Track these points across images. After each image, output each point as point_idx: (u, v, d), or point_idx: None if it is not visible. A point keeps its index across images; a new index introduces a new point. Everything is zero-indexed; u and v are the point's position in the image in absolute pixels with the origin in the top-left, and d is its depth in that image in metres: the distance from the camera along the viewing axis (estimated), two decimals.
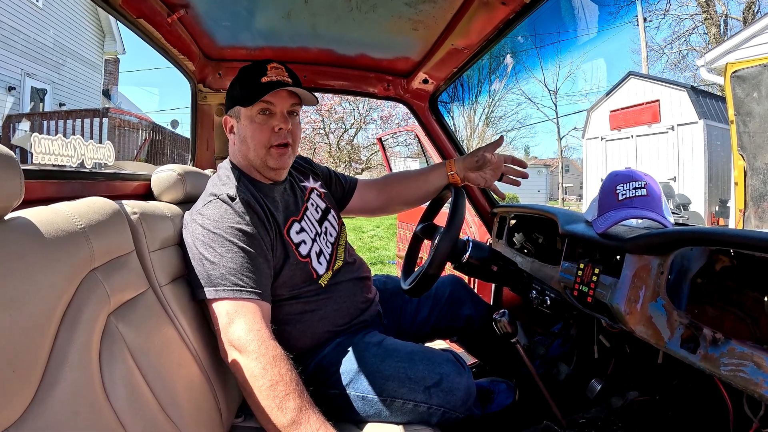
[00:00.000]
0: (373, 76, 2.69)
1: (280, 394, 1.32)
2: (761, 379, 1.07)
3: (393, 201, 2.33)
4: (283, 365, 1.37)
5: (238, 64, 2.37)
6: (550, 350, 2.27)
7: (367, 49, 2.40)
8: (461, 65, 2.34)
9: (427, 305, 2.26)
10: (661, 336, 1.34)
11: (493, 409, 2.18)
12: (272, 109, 1.73)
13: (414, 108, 2.80)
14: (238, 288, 1.49)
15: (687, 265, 1.44)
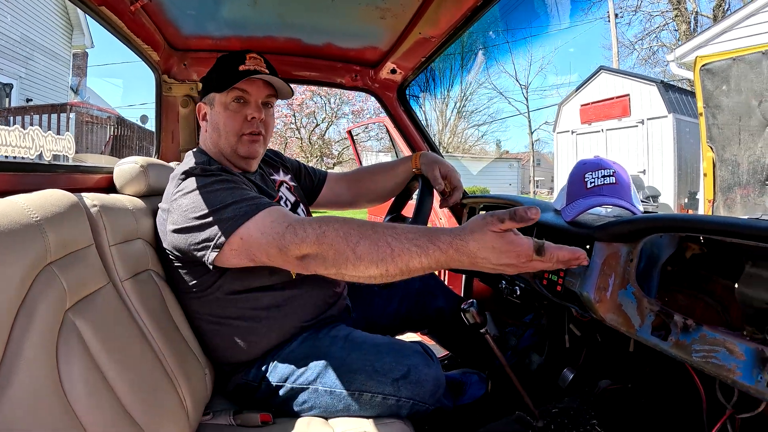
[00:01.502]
0: (340, 66, 2.67)
1: (363, 241, 1.22)
2: (734, 365, 1.07)
3: (362, 194, 2.31)
4: (333, 222, 1.28)
5: (205, 54, 2.37)
6: (521, 341, 2.27)
7: (334, 39, 2.38)
8: (429, 55, 2.32)
9: (396, 297, 2.25)
10: (631, 324, 1.34)
11: (465, 400, 2.17)
12: (247, 97, 1.73)
13: (382, 99, 2.78)
14: (251, 205, 1.44)
15: (657, 252, 1.44)
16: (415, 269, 1.17)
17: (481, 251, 1.09)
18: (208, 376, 1.67)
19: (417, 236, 1.17)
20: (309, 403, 1.63)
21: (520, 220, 1.05)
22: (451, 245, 1.12)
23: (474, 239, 1.10)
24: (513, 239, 1.08)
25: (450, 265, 1.15)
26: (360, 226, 1.24)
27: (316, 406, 1.63)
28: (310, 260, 1.29)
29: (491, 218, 1.08)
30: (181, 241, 1.51)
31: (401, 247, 1.17)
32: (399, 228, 1.20)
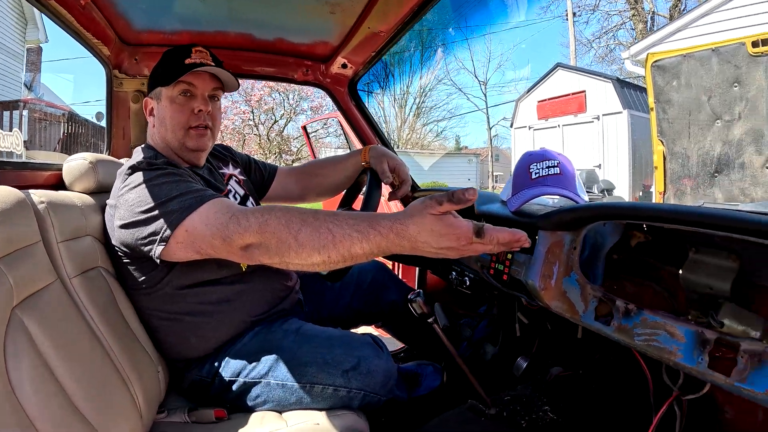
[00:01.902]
0: (292, 61, 2.65)
1: (304, 228, 1.21)
2: (675, 347, 1.10)
3: (312, 188, 2.31)
4: (275, 210, 1.27)
5: (156, 48, 2.31)
6: (476, 332, 2.29)
7: (285, 33, 2.37)
8: (379, 49, 2.33)
9: (349, 291, 2.26)
10: (575, 310, 1.36)
11: (421, 392, 2.18)
12: (193, 90, 1.72)
13: (333, 93, 2.78)
14: (196, 197, 1.42)
15: (601, 240, 1.47)
16: (357, 255, 1.17)
17: (421, 235, 1.09)
18: (162, 374, 1.66)
19: (358, 222, 1.16)
20: (262, 397, 1.63)
21: (458, 201, 1.05)
22: (391, 230, 1.12)
23: (414, 223, 1.09)
24: (452, 222, 1.07)
25: (392, 249, 1.15)
26: (302, 213, 1.23)
27: (269, 399, 1.63)
28: (254, 250, 1.28)
29: (430, 201, 1.08)
30: (128, 237, 1.49)
31: (342, 233, 1.16)
32: (341, 215, 1.20)
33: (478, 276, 1.91)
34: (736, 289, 1.16)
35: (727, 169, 4.99)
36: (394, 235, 1.11)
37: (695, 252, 1.26)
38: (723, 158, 5.03)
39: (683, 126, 5.29)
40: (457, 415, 1.79)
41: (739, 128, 4.91)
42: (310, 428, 1.54)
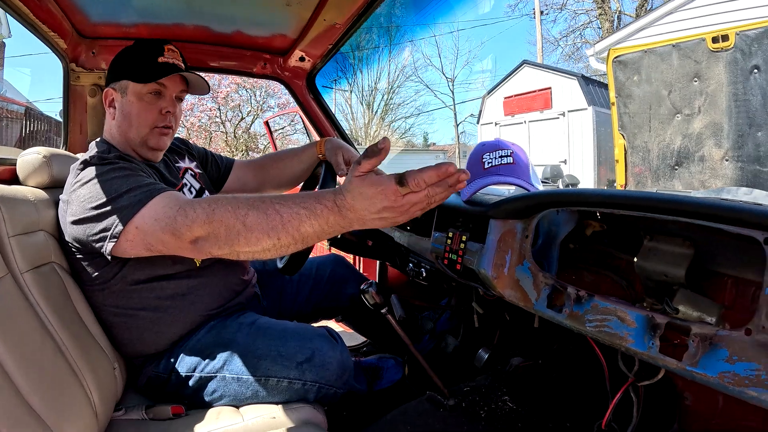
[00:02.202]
0: (250, 55, 2.63)
1: (252, 212, 1.20)
2: (626, 332, 1.10)
3: (269, 181, 2.28)
4: (222, 199, 1.26)
5: (113, 42, 2.27)
6: (438, 325, 2.30)
7: (242, 26, 2.34)
8: (336, 41, 2.33)
9: (307, 285, 2.25)
10: (528, 298, 1.36)
11: (383, 385, 2.19)
12: (163, 91, 1.72)
13: (291, 87, 2.76)
14: (145, 192, 1.40)
15: (555, 229, 1.47)
16: (308, 234, 1.15)
17: (357, 201, 1.07)
18: (118, 370, 1.63)
19: (304, 199, 1.15)
20: (219, 392, 1.62)
21: (372, 154, 1.04)
22: (335, 203, 1.10)
23: (348, 191, 1.08)
24: (375, 179, 1.05)
25: (343, 224, 1.13)
26: (248, 198, 1.22)
27: (225, 394, 1.62)
28: (204, 242, 1.26)
29: (354, 164, 1.07)
30: (80, 233, 1.47)
31: (290, 212, 1.14)
32: (287, 196, 1.18)
33: (434, 267, 1.90)
34: (691, 275, 1.17)
35: (687, 162, 5.08)
36: (338, 207, 1.10)
37: (650, 240, 1.26)
38: (683, 151, 5.11)
39: (644, 120, 5.36)
40: (415, 407, 1.79)
41: (698, 122, 5.00)
42: (266, 422, 1.53)
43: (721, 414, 1.30)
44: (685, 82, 5.09)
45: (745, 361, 0.91)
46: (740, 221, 0.95)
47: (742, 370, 0.91)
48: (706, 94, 4.94)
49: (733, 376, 0.91)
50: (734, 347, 0.93)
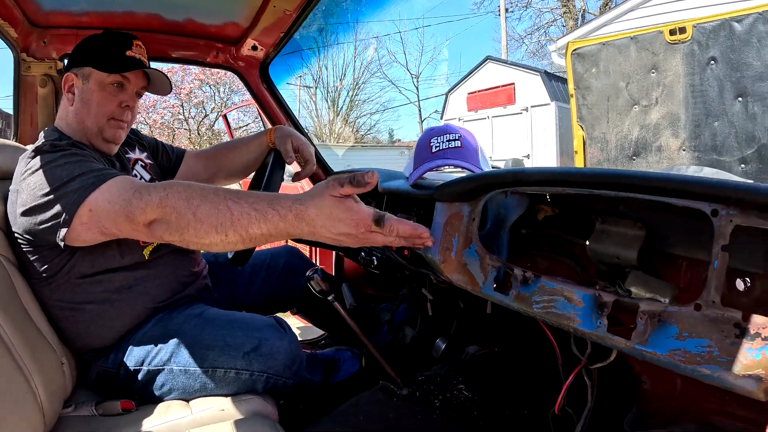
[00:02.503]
0: (202, 43, 2.59)
1: (204, 204, 1.18)
2: (573, 312, 1.08)
3: (220, 171, 2.26)
4: (177, 185, 1.24)
5: (66, 31, 2.23)
6: (395, 315, 2.28)
7: (194, 14, 2.31)
8: (287, 29, 2.31)
9: (260, 276, 2.23)
10: (476, 282, 1.34)
11: (340, 377, 2.19)
12: (126, 84, 1.73)
13: (244, 76, 2.73)
14: (98, 176, 1.38)
15: (504, 213, 1.45)
16: (256, 236, 1.14)
17: (320, 218, 1.07)
18: (67, 366, 1.59)
19: (258, 200, 1.13)
20: (168, 385, 1.60)
21: (358, 184, 1.03)
22: (290, 210, 1.09)
23: (314, 204, 1.07)
24: (352, 206, 1.05)
25: (291, 232, 1.12)
26: (203, 189, 1.20)
27: (174, 387, 1.60)
28: (156, 226, 1.25)
29: (333, 182, 1.06)
30: (30, 223, 1.43)
31: (241, 210, 1.13)
32: (243, 193, 1.17)
33: (385, 254, 1.88)
34: (644, 257, 1.16)
35: (645, 152, 5.14)
36: (293, 216, 1.09)
37: (601, 222, 1.26)
38: (641, 142, 5.18)
39: (602, 111, 5.42)
40: (369, 397, 1.77)
41: (656, 113, 5.06)
42: (214, 415, 1.52)
43: (679, 396, 1.29)
44: (642, 74, 5.16)
45: (695, 337, 0.89)
46: (686, 193, 0.93)
47: (693, 347, 0.89)
48: (663, 86, 5.01)
49: (684, 353, 0.89)
50: (684, 324, 0.91)
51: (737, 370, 0.82)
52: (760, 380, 0.79)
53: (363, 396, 1.78)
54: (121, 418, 1.52)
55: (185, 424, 1.49)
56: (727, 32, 4.59)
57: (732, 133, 4.60)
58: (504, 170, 1.32)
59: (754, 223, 0.86)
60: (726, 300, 0.89)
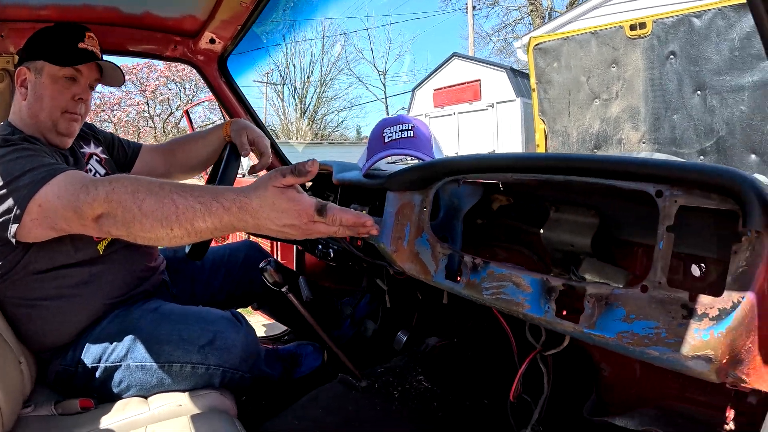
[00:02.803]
0: (160, 37, 2.57)
1: (149, 198, 1.16)
2: (522, 298, 1.08)
3: (177, 165, 2.25)
4: (123, 179, 1.23)
5: (24, 24, 2.18)
6: (357, 309, 2.28)
7: (152, 7, 2.29)
8: (244, 22, 2.31)
9: (220, 272, 2.23)
10: (428, 270, 1.33)
11: (303, 372, 2.20)
12: (79, 77, 1.71)
13: (202, 70, 2.72)
14: (49, 170, 1.38)
15: (457, 203, 1.45)
16: (201, 230, 1.12)
17: (263, 209, 1.06)
18: (25, 365, 1.58)
19: (203, 194, 1.12)
20: (125, 382, 1.60)
21: (299, 174, 1.03)
22: (234, 202, 1.08)
23: (257, 196, 1.06)
24: (294, 196, 1.05)
25: (236, 225, 1.11)
26: (149, 183, 1.19)
27: (132, 384, 1.60)
28: (104, 220, 1.23)
29: (275, 173, 1.05)
30: None
31: (186, 204, 1.11)
32: (188, 186, 1.15)
33: (341, 247, 1.88)
34: (599, 244, 1.16)
35: (606, 145, 5.21)
36: (237, 208, 1.08)
37: (555, 211, 1.26)
38: (602, 135, 5.25)
39: (563, 105, 5.48)
40: (328, 390, 1.78)
41: (616, 106, 5.14)
42: (172, 410, 1.53)
43: (638, 383, 1.30)
44: (603, 68, 5.23)
45: (642, 319, 0.89)
46: (630, 174, 0.94)
47: (641, 328, 0.89)
48: (623, 80, 5.08)
49: (632, 335, 0.89)
50: (631, 306, 0.91)
51: (686, 352, 0.82)
52: (711, 361, 0.79)
53: (322, 389, 1.78)
54: (80, 416, 1.51)
55: (143, 420, 1.49)
56: (687, 27, 4.66)
57: (691, 125, 4.68)
58: (452, 158, 1.32)
59: (698, 202, 0.87)
60: (679, 284, 0.89)
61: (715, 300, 0.81)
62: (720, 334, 0.78)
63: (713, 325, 0.80)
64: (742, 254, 0.80)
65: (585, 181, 1.02)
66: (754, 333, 0.78)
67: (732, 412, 1.02)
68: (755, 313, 0.78)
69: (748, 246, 0.79)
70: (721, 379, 0.80)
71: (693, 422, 1.13)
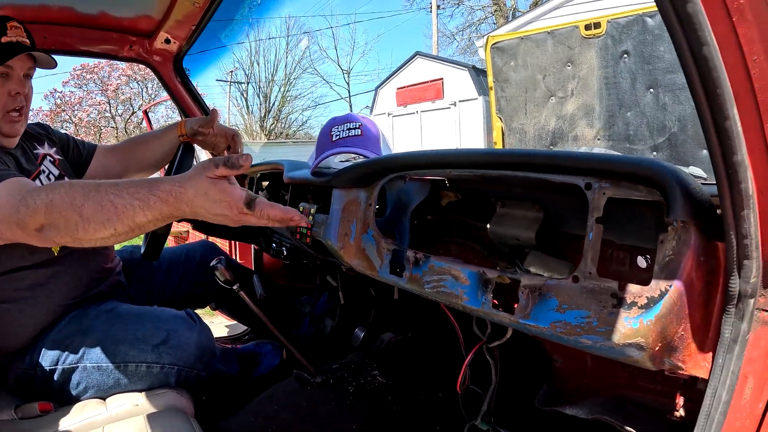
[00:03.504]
0: (116, 37, 2.55)
1: (88, 203, 1.14)
2: (461, 290, 1.10)
3: (132, 165, 2.21)
4: (61, 187, 1.20)
5: None
6: (316, 307, 2.28)
7: (107, 7, 2.28)
8: (198, 22, 2.30)
9: (177, 272, 2.22)
10: (374, 266, 1.35)
11: (262, 370, 2.19)
12: (10, 72, 1.64)
13: (158, 70, 2.70)
14: None
15: (405, 199, 1.47)
16: (144, 224, 1.13)
17: (197, 198, 1.07)
18: None
19: (138, 189, 1.12)
20: (83, 383, 1.59)
21: (232, 166, 1.04)
22: (170, 193, 1.09)
23: (191, 185, 1.07)
24: (226, 188, 1.06)
25: (175, 215, 1.12)
26: (85, 187, 1.18)
27: (90, 386, 1.59)
28: (47, 231, 1.21)
29: (208, 163, 1.06)
30: None
31: (123, 203, 1.11)
32: (122, 184, 1.15)
33: (293, 244, 1.88)
34: (545, 238, 1.18)
35: (562, 142, 5.31)
36: (173, 198, 1.09)
37: (501, 206, 1.28)
38: (557, 132, 5.35)
39: (520, 103, 5.57)
40: (283, 388, 1.79)
41: (571, 104, 5.24)
42: (128, 410, 1.53)
43: (590, 373, 1.32)
44: (559, 67, 5.32)
45: (575, 309, 0.91)
46: (559, 168, 0.96)
47: (573, 318, 0.91)
48: (578, 78, 5.17)
49: (565, 325, 0.92)
50: (563, 296, 0.94)
51: (618, 340, 0.84)
52: (643, 348, 0.81)
53: (278, 386, 1.79)
54: (40, 420, 1.51)
55: (101, 421, 1.49)
56: (640, 27, 4.77)
57: (644, 122, 4.78)
58: (393, 155, 1.34)
59: (626, 194, 0.89)
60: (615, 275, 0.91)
61: (643, 289, 0.83)
62: (649, 321, 0.80)
63: (642, 313, 0.82)
64: (668, 244, 0.82)
65: (516, 175, 1.05)
66: (685, 321, 0.81)
67: (682, 399, 1.05)
68: (684, 301, 0.80)
69: (674, 236, 0.81)
70: (657, 366, 0.82)
71: (643, 410, 1.16)
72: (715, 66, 0.64)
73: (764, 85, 0.64)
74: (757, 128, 0.67)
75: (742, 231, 0.72)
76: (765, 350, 0.75)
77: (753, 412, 0.75)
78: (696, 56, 0.65)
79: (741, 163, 0.68)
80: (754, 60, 0.64)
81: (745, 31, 0.63)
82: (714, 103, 0.66)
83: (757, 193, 0.70)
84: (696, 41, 0.64)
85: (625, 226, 1.02)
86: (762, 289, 0.75)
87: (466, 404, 1.54)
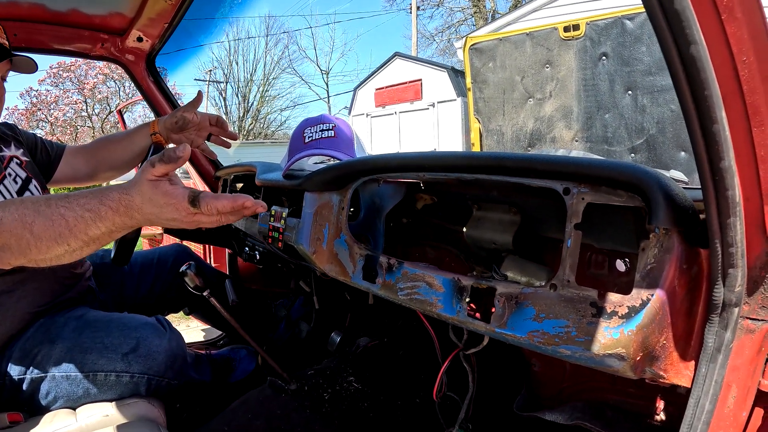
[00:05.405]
0: (87, 35, 2.49)
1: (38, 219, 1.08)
2: (435, 298, 1.07)
3: (101, 166, 2.16)
4: (10, 205, 1.12)
5: None
6: (292, 311, 2.26)
7: (79, 4, 2.22)
8: (171, 20, 2.27)
9: (149, 276, 2.17)
10: (347, 271, 1.32)
11: (238, 376, 2.17)
12: None
13: (130, 69, 2.65)
14: None
15: (379, 202, 1.45)
16: (98, 236, 1.08)
17: (145, 206, 1.02)
18: None
19: (89, 200, 1.06)
20: (52, 393, 1.54)
21: (169, 160, 0.99)
22: (120, 202, 1.04)
23: (137, 192, 1.02)
24: (167, 189, 1.00)
25: (129, 224, 1.07)
26: (35, 203, 1.11)
27: (59, 395, 1.54)
28: (2, 253, 1.14)
29: (147, 164, 1.00)
30: None
31: (74, 216, 1.06)
32: (72, 196, 1.09)
33: (266, 249, 1.85)
34: (522, 242, 1.16)
35: (540, 144, 5.33)
36: (123, 207, 1.04)
37: (478, 209, 1.25)
38: (535, 133, 5.37)
39: (498, 104, 5.59)
40: (257, 395, 1.76)
41: (550, 105, 5.26)
42: (99, 421, 1.49)
43: (570, 377, 1.30)
44: (537, 69, 5.35)
45: (553, 318, 0.88)
46: (537, 172, 0.94)
47: (551, 327, 0.88)
48: (557, 80, 5.20)
49: (543, 334, 0.88)
50: (541, 304, 0.90)
51: (597, 350, 0.81)
52: (623, 359, 0.78)
53: (251, 393, 1.76)
54: (9, 431, 1.47)
55: None
56: (619, 29, 4.80)
57: (622, 124, 4.82)
58: (366, 157, 1.31)
59: (604, 199, 0.87)
60: (594, 282, 0.89)
61: (624, 298, 0.81)
62: (630, 332, 0.78)
63: (623, 323, 0.79)
64: (650, 251, 0.80)
65: (491, 179, 1.03)
66: (667, 330, 0.78)
67: (662, 402, 1.04)
68: (666, 310, 0.77)
69: (656, 243, 0.79)
70: (638, 375, 0.80)
71: (623, 414, 1.14)
72: (703, 67, 0.61)
73: (753, 87, 0.62)
74: (745, 132, 0.64)
75: (727, 239, 0.70)
76: (748, 358, 0.74)
77: (737, 420, 0.75)
78: (683, 56, 0.62)
79: (728, 170, 0.66)
80: (744, 61, 0.61)
81: (734, 30, 0.60)
82: (701, 105, 0.63)
83: (743, 200, 0.68)
84: (684, 40, 0.61)
85: (604, 231, 1.00)
86: (746, 297, 0.74)
87: (444, 411, 1.52)
